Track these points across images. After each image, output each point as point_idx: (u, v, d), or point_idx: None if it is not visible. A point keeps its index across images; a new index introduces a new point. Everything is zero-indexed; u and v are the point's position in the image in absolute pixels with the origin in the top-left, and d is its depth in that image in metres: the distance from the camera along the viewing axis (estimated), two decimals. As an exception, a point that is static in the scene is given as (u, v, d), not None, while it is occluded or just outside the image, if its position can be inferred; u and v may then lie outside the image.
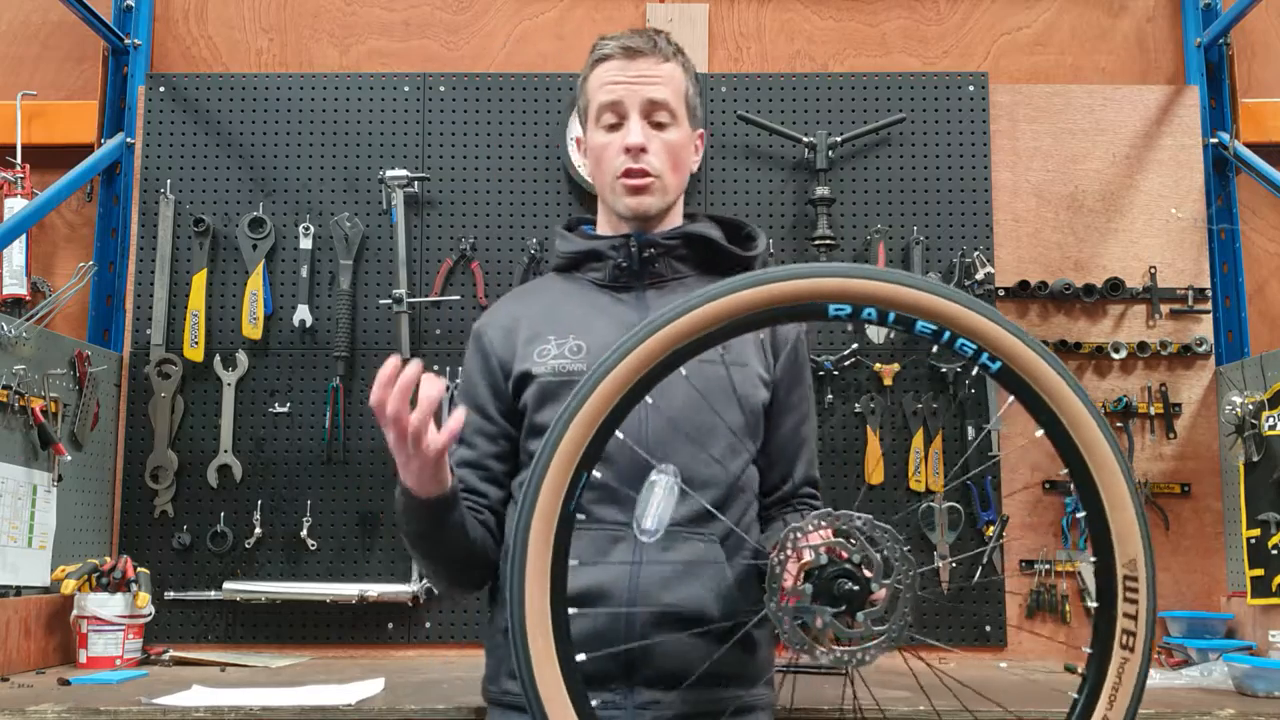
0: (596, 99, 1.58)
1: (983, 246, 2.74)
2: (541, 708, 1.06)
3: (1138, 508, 1.10)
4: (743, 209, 2.76)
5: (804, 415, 1.62)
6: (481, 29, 2.99)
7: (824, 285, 1.09)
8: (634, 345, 1.08)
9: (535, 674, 1.06)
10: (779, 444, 1.59)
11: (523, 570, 1.08)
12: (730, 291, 1.08)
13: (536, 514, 1.08)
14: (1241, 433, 2.45)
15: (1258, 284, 2.92)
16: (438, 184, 2.78)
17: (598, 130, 1.59)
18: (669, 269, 1.60)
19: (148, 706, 1.78)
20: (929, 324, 1.10)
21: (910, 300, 1.09)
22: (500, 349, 1.59)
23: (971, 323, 1.09)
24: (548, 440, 1.09)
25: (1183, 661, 2.30)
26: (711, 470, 1.47)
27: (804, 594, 1.11)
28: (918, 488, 2.64)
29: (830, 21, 2.99)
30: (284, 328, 2.72)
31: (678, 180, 1.61)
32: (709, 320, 1.09)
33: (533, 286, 1.71)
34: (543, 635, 1.07)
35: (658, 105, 1.57)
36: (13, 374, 2.30)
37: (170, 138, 2.80)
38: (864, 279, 1.09)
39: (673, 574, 1.43)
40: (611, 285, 1.61)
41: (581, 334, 1.55)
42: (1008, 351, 1.10)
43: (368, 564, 2.64)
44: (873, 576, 1.11)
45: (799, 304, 1.09)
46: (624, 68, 1.57)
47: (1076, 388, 1.11)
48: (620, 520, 1.45)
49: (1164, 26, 2.98)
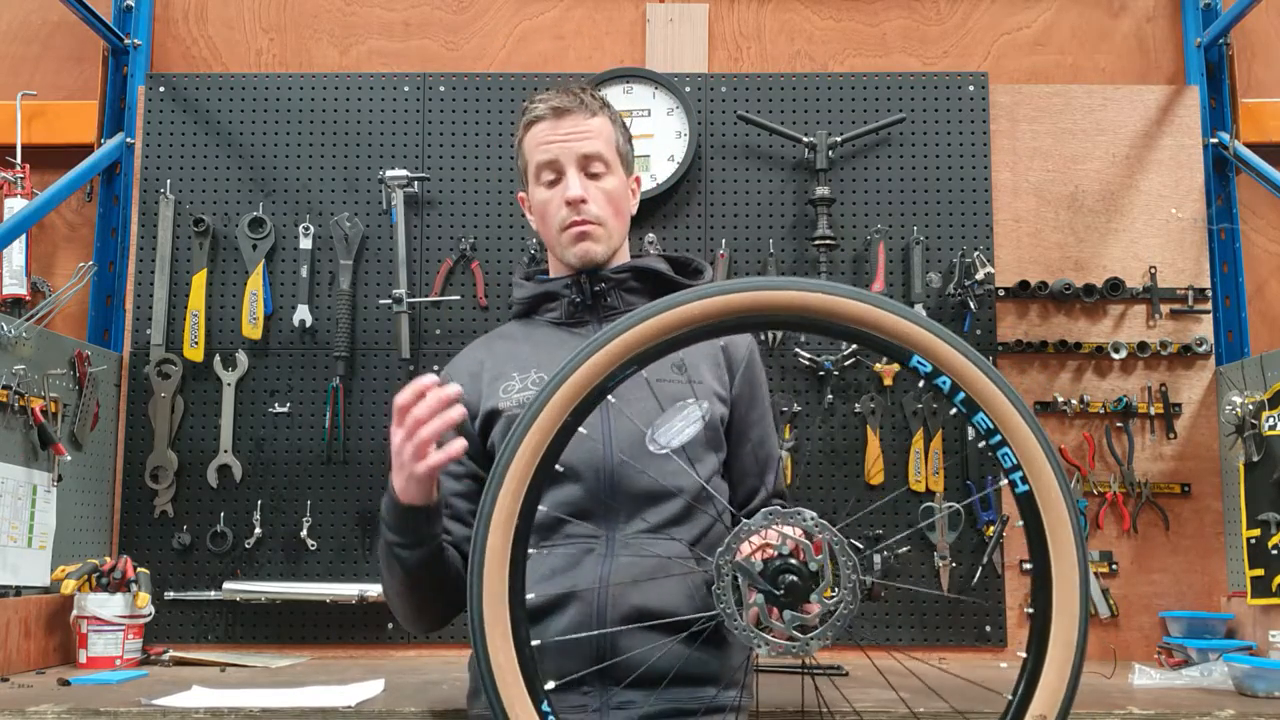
0: (534, 159, 1.67)
1: (983, 246, 2.74)
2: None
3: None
4: (743, 209, 2.77)
5: (765, 430, 1.70)
6: (481, 29, 3.00)
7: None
8: (575, 366, 1.15)
9: (500, 691, 1.12)
10: (745, 461, 1.67)
11: (481, 589, 1.13)
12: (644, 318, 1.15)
13: (493, 524, 1.14)
14: (1241, 433, 2.45)
15: (1258, 284, 2.92)
16: (438, 184, 2.78)
17: (539, 188, 1.68)
18: (620, 301, 1.68)
19: (148, 707, 1.77)
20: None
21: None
22: (468, 392, 1.64)
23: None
24: (496, 467, 1.15)
25: (1183, 661, 2.29)
26: (677, 480, 1.53)
27: (751, 565, 1.16)
28: (918, 488, 2.64)
29: (830, 21, 2.99)
30: (284, 328, 2.72)
31: (620, 225, 1.69)
32: (614, 357, 1.15)
33: (495, 334, 1.79)
34: (505, 653, 1.13)
35: (591, 159, 1.65)
36: (13, 374, 2.30)
37: (170, 138, 2.80)
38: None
39: (643, 576, 1.48)
40: (568, 322, 1.69)
41: (543, 367, 1.62)
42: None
43: (368, 564, 2.64)
44: (815, 585, 1.15)
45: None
46: (555, 126, 1.65)
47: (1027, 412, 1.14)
48: (592, 534, 1.52)
49: (1164, 26, 2.98)
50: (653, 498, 1.54)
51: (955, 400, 1.13)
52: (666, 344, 1.15)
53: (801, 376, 2.69)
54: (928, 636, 2.59)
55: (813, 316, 1.14)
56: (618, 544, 1.52)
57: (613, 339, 1.14)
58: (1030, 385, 2.70)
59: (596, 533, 1.53)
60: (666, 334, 1.14)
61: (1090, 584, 1.18)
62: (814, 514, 1.16)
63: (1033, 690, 1.12)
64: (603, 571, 1.49)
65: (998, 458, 1.13)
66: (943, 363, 1.13)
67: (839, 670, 2.17)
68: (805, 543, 1.16)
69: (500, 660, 1.12)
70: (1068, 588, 1.11)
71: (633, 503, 1.53)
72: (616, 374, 1.15)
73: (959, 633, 2.60)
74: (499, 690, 1.12)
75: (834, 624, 1.14)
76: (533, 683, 1.13)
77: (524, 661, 1.13)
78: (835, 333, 1.15)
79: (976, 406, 1.13)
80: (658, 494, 1.53)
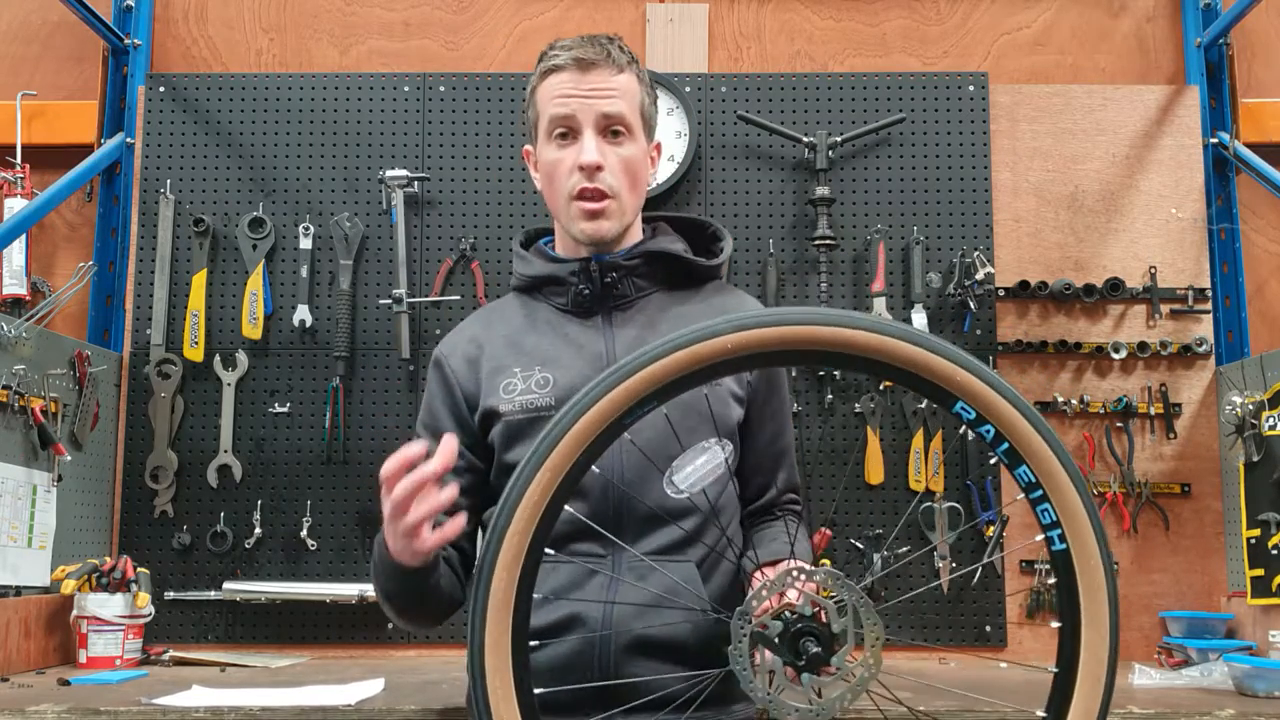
0: (548, 111, 1.51)
1: (983, 246, 2.74)
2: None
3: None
4: (743, 209, 2.76)
5: (781, 426, 1.60)
6: (481, 29, 2.99)
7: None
8: (600, 394, 1.06)
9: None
10: (758, 455, 1.58)
11: (483, 638, 1.05)
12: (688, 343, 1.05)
13: (499, 567, 1.05)
14: (1241, 433, 2.45)
15: (1258, 284, 2.91)
16: (438, 184, 2.78)
17: (549, 144, 1.52)
18: (632, 288, 1.57)
19: (148, 707, 1.77)
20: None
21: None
22: (465, 380, 1.56)
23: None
24: (504, 503, 1.05)
25: (1183, 661, 2.29)
26: (685, 502, 1.46)
27: (769, 626, 1.08)
28: (918, 488, 2.64)
29: (830, 21, 2.99)
30: (284, 328, 2.72)
31: (634, 198, 1.55)
32: (635, 393, 1.05)
33: (494, 308, 1.66)
34: (507, 703, 1.05)
35: (612, 119, 1.50)
36: (13, 374, 2.30)
37: (170, 138, 2.80)
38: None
39: (648, 603, 1.42)
40: (575, 310, 1.57)
41: (547, 366, 1.52)
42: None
43: (368, 564, 2.63)
44: (834, 657, 1.07)
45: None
46: (577, 80, 1.49)
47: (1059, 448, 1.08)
48: (598, 554, 1.45)
49: (1164, 26, 2.98)
50: (660, 520, 1.46)
51: (998, 450, 1.06)
52: (693, 376, 1.05)
53: (801, 376, 2.69)
54: (928, 636, 2.59)
55: (853, 353, 1.05)
56: (624, 566, 1.46)
57: (636, 371, 1.04)
58: (1030, 385, 2.70)
59: (602, 552, 1.46)
60: (694, 367, 1.05)
61: (1118, 655, 1.13)
62: (837, 572, 1.09)
63: None
64: (608, 597, 1.43)
65: (1035, 513, 1.06)
66: (989, 410, 1.05)
67: None
68: (827, 603, 1.08)
69: (501, 710, 1.05)
70: (1095, 657, 1.07)
71: (640, 524, 1.47)
72: (636, 409, 1.05)
73: (959, 633, 2.60)
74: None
75: (855, 689, 1.07)
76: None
77: (525, 709, 1.06)
78: (877, 371, 1.07)
79: (1020, 459, 1.06)
80: (666, 515, 1.46)
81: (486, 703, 1.04)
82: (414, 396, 2.69)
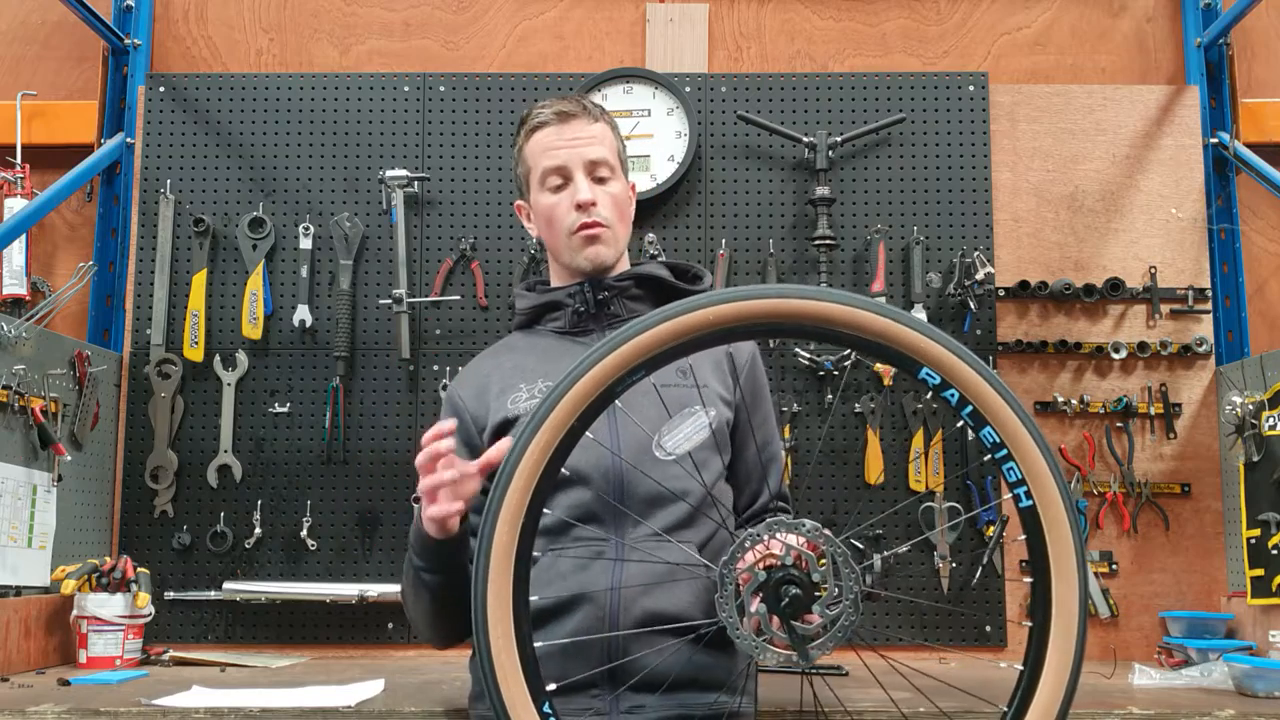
0: (540, 164, 1.68)
1: (983, 246, 2.74)
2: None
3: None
4: (743, 209, 2.77)
5: (769, 434, 1.72)
6: (481, 29, 2.99)
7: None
8: (582, 372, 1.16)
9: (502, 689, 1.13)
10: (748, 465, 1.68)
11: (485, 586, 1.14)
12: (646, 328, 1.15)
13: (500, 521, 1.15)
14: (1241, 433, 2.45)
15: (1258, 284, 2.92)
16: (438, 184, 2.78)
17: (544, 193, 1.68)
18: (624, 309, 1.69)
19: (148, 707, 1.77)
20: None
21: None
22: (474, 407, 1.67)
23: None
24: (501, 472, 1.16)
25: (1183, 661, 2.29)
26: (683, 483, 1.54)
27: (755, 575, 1.17)
28: (918, 488, 2.64)
29: (830, 21, 2.99)
30: (284, 328, 2.72)
31: (624, 230, 1.71)
32: (626, 361, 1.15)
33: (501, 346, 1.79)
34: (507, 651, 1.14)
35: (598, 164, 1.66)
36: (13, 374, 2.30)
37: (170, 138, 2.80)
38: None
39: (653, 580, 1.49)
40: (572, 331, 1.70)
41: (550, 376, 1.61)
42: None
43: (368, 564, 2.64)
44: (817, 598, 1.16)
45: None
46: (560, 132, 1.66)
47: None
48: (600, 537, 1.53)
49: (1164, 26, 2.98)
50: (660, 502, 1.54)
51: (963, 413, 1.13)
52: (678, 348, 1.15)
53: (801, 376, 2.69)
54: (928, 636, 2.59)
55: (821, 325, 1.14)
56: (626, 548, 1.53)
57: (626, 341, 1.14)
58: (1030, 385, 2.71)
59: (605, 537, 1.53)
60: (680, 338, 1.14)
61: (1089, 596, 1.18)
62: (817, 524, 1.17)
63: (1027, 706, 1.12)
64: (613, 575, 1.50)
65: (1002, 471, 1.13)
66: (952, 375, 1.13)
67: (839, 670, 2.17)
68: (809, 553, 1.16)
69: (502, 659, 1.12)
70: (1066, 610, 1.12)
71: (640, 507, 1.54)
72: (626, 378, 1.15)
73: (959, 632, 2.60)
74: (500, 688, 1.12)
75: (835, 635, 1.15)
76: (534, 682, 1.13)
77: (525, 660, 1.13)
78: (843, 341, 1.15)
79: (984, 420, 1.13)
80: (665, 498, 1.54)
81: (489, 652, 1.12)
82: (414, 397, 2.70)
